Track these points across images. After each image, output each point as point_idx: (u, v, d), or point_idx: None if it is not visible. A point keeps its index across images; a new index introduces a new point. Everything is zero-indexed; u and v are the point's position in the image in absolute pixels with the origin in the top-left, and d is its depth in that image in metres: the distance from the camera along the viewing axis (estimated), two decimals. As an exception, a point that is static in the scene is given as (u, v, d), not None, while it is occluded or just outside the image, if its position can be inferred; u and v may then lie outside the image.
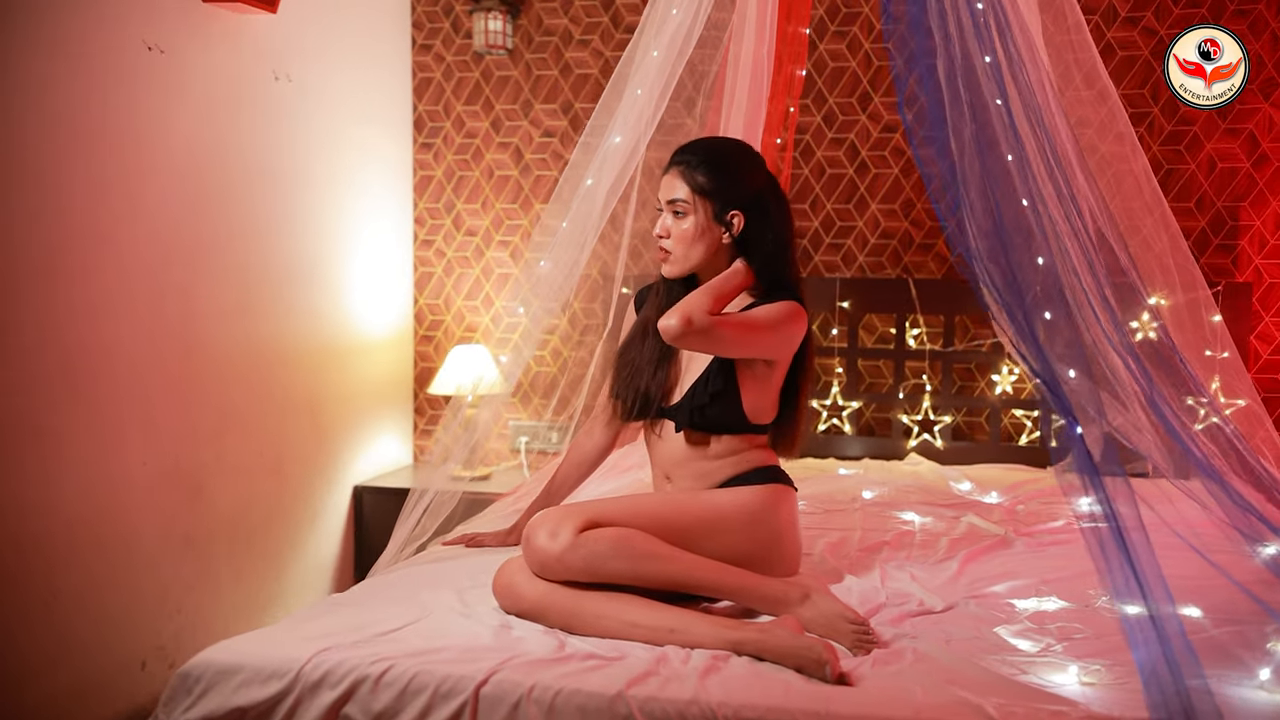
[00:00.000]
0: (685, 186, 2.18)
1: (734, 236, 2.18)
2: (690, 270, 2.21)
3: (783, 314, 2.14)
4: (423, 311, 4.11)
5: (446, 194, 4.07)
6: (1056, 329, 3.32)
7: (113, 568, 2.77)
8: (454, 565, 2.34)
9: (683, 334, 2.04)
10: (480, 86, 4.01)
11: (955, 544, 2.57)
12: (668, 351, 2.26)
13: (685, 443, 2.21)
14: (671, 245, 2.19)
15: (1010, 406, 3.59)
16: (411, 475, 3.93)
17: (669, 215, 2.20)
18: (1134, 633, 1.62)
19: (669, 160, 2.24)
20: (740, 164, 2.23)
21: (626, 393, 2.29)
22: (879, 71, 3.70)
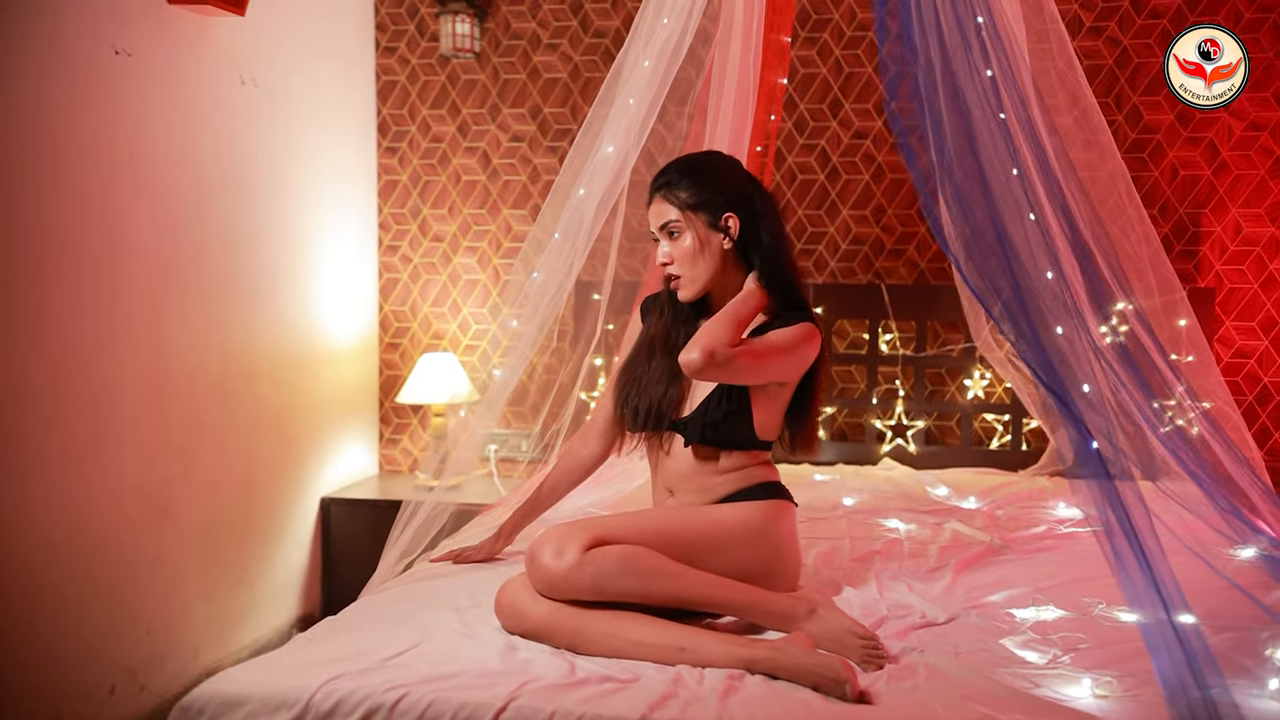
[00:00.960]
0: (673, 208, 2.17)
1: (733, 239, 2.17)
2: (705, 288, 2.20)
3: (798, 338, 2.14)
4: (388, 319, 4.05)
5: (413, 199, 4.00)
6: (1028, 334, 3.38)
7: (80, 590, 2.67)
8: (448, 583, 2.29)
9: (704, 368, 2.03)
10: (446, 90, 3.95)
11: (945, 552, 2.58)
12: (679, 368, 2.24)
13: (693, 458, 2.19)
14: (677, 268, 2.18)
15: (981, 411, 3.63)
16: (378, 485, 3.87)
17: (665, 241, 2.19)
18: (1154, 642, 1.64)
19: (649, 191, 2.22)
20: (717, 169, 2.22)
21: (638, 405, 2.26)
22: (850, 78, 3.72)
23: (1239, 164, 3.52)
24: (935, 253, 3.69)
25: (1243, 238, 3.53)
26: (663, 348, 2.25)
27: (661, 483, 2.26)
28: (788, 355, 2.13)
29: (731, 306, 2.13)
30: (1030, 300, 1.98)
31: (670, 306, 2.28)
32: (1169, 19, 3.52)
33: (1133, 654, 1.93)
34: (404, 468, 4.08)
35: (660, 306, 2.31)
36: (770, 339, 2.13)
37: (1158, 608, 1.64)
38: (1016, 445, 3.58)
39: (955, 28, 2.24)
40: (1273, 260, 3.51)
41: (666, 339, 2.27)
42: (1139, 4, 3.54)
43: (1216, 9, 3.48)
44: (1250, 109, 3.49)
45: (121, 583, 2.81)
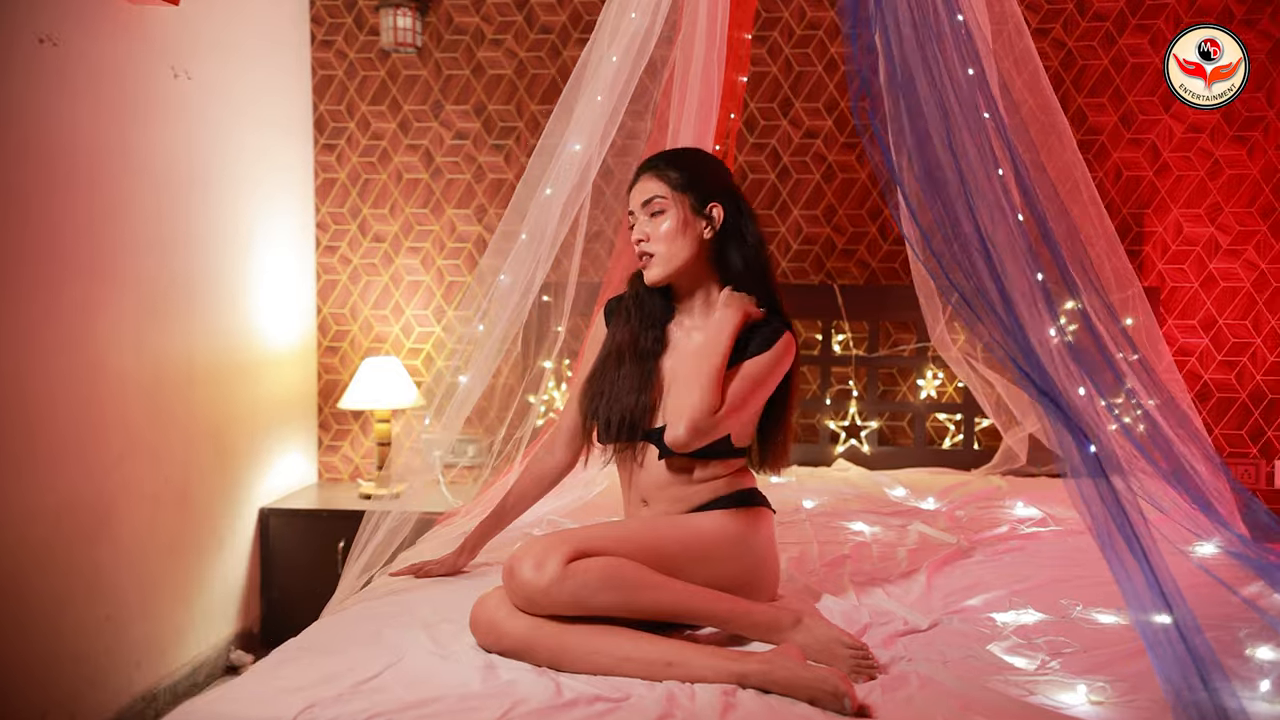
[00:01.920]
0: (661, 184, 2.12)
1: (715, 229, 2.12)
2: (675, 272, 2.13)
3: (776, 360, 2.10)
4: (327, 322, 3.91)
5: (352, 198, 3.87)
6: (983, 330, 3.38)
7: (10, 615, 2.51)
8: (413, 599, 2.20)
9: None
10: (387, 85, 3.83)
11: (914, 555, 2.57)
12: (650, 372, 2.17)
13: (667, 468, 2.12)
14: (654, 246, 2.11)
15: (933, 410, 3.64)
16: (317, 495, 3.73)
17: (644, 219, 2.12)
18: (1158, 646, 1.62)
19: (635, 174, 2.16)
20: (708, 162, 2.19)
21: (609, 415, 2.19)
22: (800, 77, 3.69)
23: (1179, 165, 3.58)
24: (886, 253, 3.69)
25: (1183, 238, 3.59)
26: (631, 353, 2.18)
27: (635, 494, 2.20)
28: (769, 380, 2.11)
29: (708, 359, 2.06)
30: (1016, 300, 1.95)
31: (636, 309, 2.21)
32: (1111, 20, 3.57)
33: (1119, 657, 1.93)
34: (344, 475, 3.94)
35: (625, 310, 2.24)
36: (750, 374, 2.08)
37: (1162, 611, 1.62)
38: (969, 444, 3.59)
39: (929, 25, 2.21)
40: (1212, 260, 3.58)
41: (635, 344, 2.19)
42: (1084, 6, 3.58)
43: (1156, 13, 3.54)
44: (1190, 111, 3.55)
45: (54, 606, 2.65)
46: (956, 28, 2.21)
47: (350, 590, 2.37)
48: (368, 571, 2.40)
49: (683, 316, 2.21)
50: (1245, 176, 3.55)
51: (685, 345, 2.16)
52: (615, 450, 2.20)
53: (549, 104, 3.76)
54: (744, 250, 2.15)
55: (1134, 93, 3.57)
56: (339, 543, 3.48)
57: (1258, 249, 3.56)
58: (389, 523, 2.43)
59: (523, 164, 3.76)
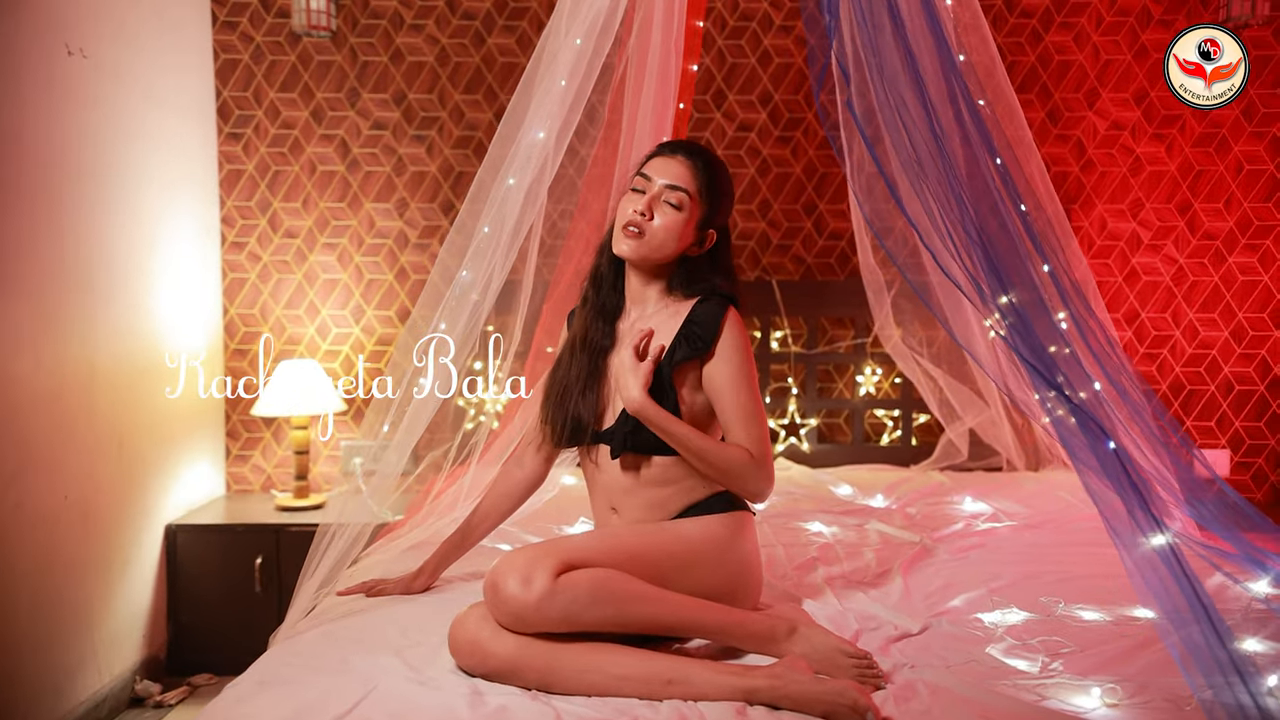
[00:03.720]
0: (695, 180, 2.02)
1: (700, 251, 2.05)
2: (650, 261, 2.03)
3: (738, 348, 2.01)
4: (234, 323, 3.66)
5: (261, 191, 3.63)
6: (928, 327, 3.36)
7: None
8: (372, 620, 2.03)
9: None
10: (298, 71, 3.60)
11: (881, 555, 2.51)
12: (597, 370, 2.06)
13: (628, 470, 2.01)
14: (653, 229, 2.00)
15: (871, 407, 3.61)
16: (226, 508, 3.49)
17: (660, 199, 2.01)
18: (1194, 649, 1.58)
19: (671, 145, 2.05)
20: (730, 187, 2.13)
21: (556, 416, 2.07)
22: (733, 69, 3.62)
23: (1103, 161, 3.64)
24: (821, 248, 3.65)
25: (1108, 233, 3.65)
26: (582, 345, 2.07)
27: (602, 501, 2.08)
28: (750, 368, 2.02)
29: (694, 441, 1.96)
30: (1024, 296, 1.90)
31: (594, 290, 2.10)
32: (1038, 18, 3.60)
33: (1116, 656, 1.90)
34: (256, 486, 3.70)
35: (583, 295, 2.13)
36: (731, 381, 1.99)
37: (1199, 615, 1.58)
38: (906, 441, 3.57)
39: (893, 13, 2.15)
40: (1134, 255, 3.65)
41: (586, 334, 2.09)
42: (1011, 4, 3.61)
43: (1080, 11, 3.59)
44: (1112, 108, 3.61)
45: (-53, 640, 2.38)
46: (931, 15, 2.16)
47: (302, 613, 2.18)
48: (324, 589, 2.21)
49: (632, 309, 2.11)
50: (1164, 173, 3.63)
51: (632, 338, 2.05)
52: (578, 455, 2.08)
53: (473, 93, 3.60)
54: (718, 277, 2.07)
55: (1060, 89, 3.61)
56: (256, 559, 3.26)
57: (1176, 244, 3.65)
58: (347, 535, 2.25)
59: (446, 155, 3.60)
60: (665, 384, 1.98)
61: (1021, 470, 3.39)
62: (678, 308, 2.06)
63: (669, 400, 1.97)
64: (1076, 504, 3.00)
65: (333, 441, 3.67)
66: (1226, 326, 3.66)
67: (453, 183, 3.62)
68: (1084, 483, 1.78)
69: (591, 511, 2.16)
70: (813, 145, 3.62)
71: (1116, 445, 1.66)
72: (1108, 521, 1.75)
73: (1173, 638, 1.61)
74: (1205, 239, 3.64)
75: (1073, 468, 3.33)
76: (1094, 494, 1.74)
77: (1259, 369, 3.67)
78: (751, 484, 1.97)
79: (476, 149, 3.60)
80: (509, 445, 2.55)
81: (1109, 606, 2.16)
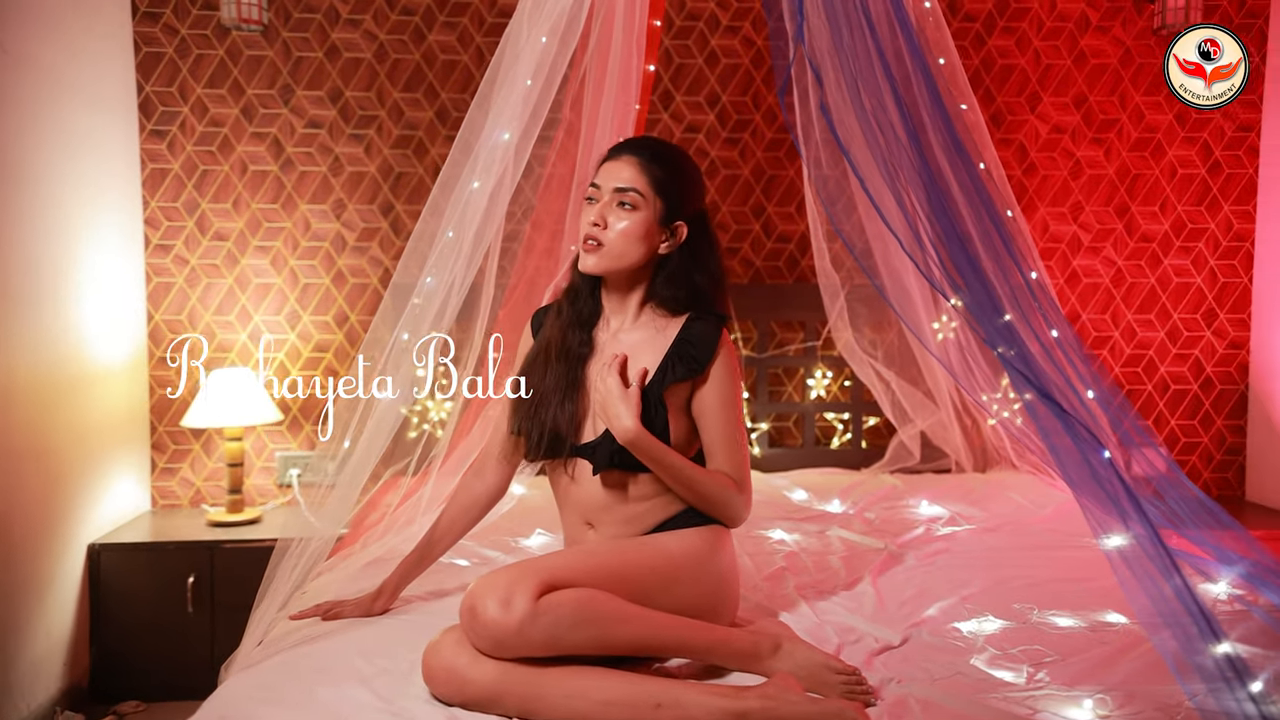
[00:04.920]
0: (643, 177, 1.93)
1: (672, 248, 1.96)
2: (616, 270, 1.95)
3: (730, 373, 1.97)
4: (160, 330, 3.48)
5: (188, 191, 3.46)
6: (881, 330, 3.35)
7: None
8: (335, 646, 1.92)
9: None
10: (227, 66, 3.44)
11: (849, 564, 2.48)
12: (575, 379, 1.98)
13: (607, 486, 1.94)
14: (610, 238, 1.92)
15: (821, 410, 3.59)
16: (152, 525, 3.31)
17: (611, 205, 1.93)
18: (1200, 663, 1.56)
19: (617, 147, 1.97)
20: (692, 174, 2.02)
21: (531, 428, 1.99)
22: (680, 69, 3.56)
23: (1045, 165, 3.67)
24: (770, 250, 3.62)
25: (1050, 235, 3.69)
26: (557, 354, 1.99)
27: (576, 516, 2.00)
28: (737, 396, 1.99)
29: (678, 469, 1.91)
30: (1014, 301, 1.87)
31: (570, 304, 2.03)
32: (981, 22, 3.62)
33: (1098, 664, 1.89)
34: (184, 501, 3.53)
35: (557, 306, 2.05)
36: (717, 407, 1.96)
37: (1204, 628, 1.57)
38: (857, 444, 3.56)
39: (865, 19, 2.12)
40: (1075, 257, 3.70)
41: (562, 342, 2.01)
42: (955, 7, 3.62)
43: (1021, 16, 3.62)
44: (1053, 112, 3.65)
45: None
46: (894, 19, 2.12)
47: (256, 639, 2.05)
48: (283, 612, 2.09)
49: (610, 318, 2.04)
50: (1103, 176, 3.68)
51: (613, 349, 1.99)
52: (548, 468, 2.00)
53: (413, 92, 3.49)
54: (697, 274, 1.99)
55: (1003, 93, 3.64)
56: (188, 578, 3.10)
57: (1115, 246, 3.70)
58: (311, 551, 2.13)
59: (385, 156, 3.49)
60: (655, 405, 1.91)
61: (970, 471, 3.41)
62: (665, 322, 1.99)
63: (659, 422, 1.91)
64: (1029, 506, 3.02)
65: (267, 453, 3.51)
66: (1162, 327, 3.73)
67: (392, 183, 3.50)
68: (1069, 484, 1.76)
69: (562, 525, 2.08)
70: (760, 147, 3.58)
71: (1109, 452, 1.64)
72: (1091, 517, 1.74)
73: (1166, 643, 1.59)
74: (1142, 241, 3.70)
75: (1019, 468, 3.38)
76: (1084, 497, 1.72)
77: (1193, 369, 3.74)
78: (732, 511, 1.94)
79: (417, 149, 3.49)
80: (468, 456, 2.46)
81: (1081, 612, 2.15)
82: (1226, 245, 3.72)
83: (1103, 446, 1.65)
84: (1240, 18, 3.65)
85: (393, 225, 3.50)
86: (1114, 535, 1.75)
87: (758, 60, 3.57)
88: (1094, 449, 1.64)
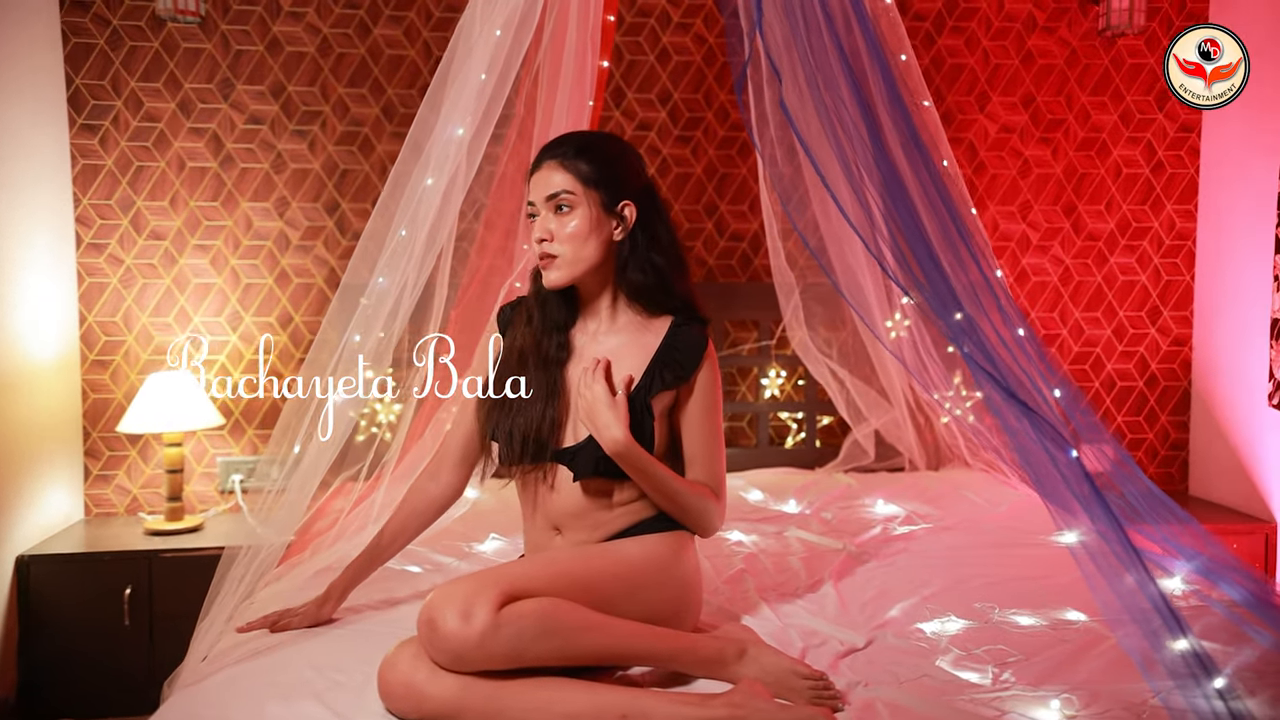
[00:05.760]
0: (569, 177, 1.87)
1: (627, 230, 1.91)
2: (580, 275, 1.90)
3: (713, 383, 1.96)
4: (93, 332, 3.35)
5: (122, 188, 3.34)
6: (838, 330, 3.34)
7: None
8: (283, 660, 1.85)
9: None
10: (162, 59, 3.33)
11: (809, 565, 2.46)
12: (555, 381, 1.93)
13: (585, 493, 1.89)
14: (559, 247, 1.88)
15: (775, 409, 3.57)
16: (85, 535, 3.19)
17: (549, 215, 1.88)
18: (1173, 664, 1.56)
19: (537, 160, 1.91)
20: (620, 153, 1.96)
21: (512, 431, 1.92)
22: (631, 66, 3.52)
23: (994, 164, 3.69)
24: (723, 249, 3.59)
25: (1000, 234, 3.71)
26: (534, 360, 1.94)
27: (545, 521, 1.95)
28: (718, 403, 1.97)
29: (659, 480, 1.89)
30: (975, 297, 1.86)
31: (539, 310, 1.98)
32: (931, 21, 3.63)
33: (1063, 662, 1.89)
34: (120, 509, 3.40)
35: (527, 312, 2.00)
36: (702, 416, 1.95)
37: (1172, 625, 1.56)
38: (811, 443, 3.55)
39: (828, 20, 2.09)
40: (1024, 255, 3.72)
41: (538, 349, 1.96)
42: (904, 6, 3.62)
43: (970, 16, 3.64)
44: (1001, 112, 3.67)
45: None
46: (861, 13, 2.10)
47: (202, 654, 1.97)
48: (230, 624, 2.01)
49: (587, 320, 1.99)
50: (1050, 175, 3.71)
51: (594, 352, 1.95)
52: (520, 473, 1.95)
53: (358, 87, 3.41)
54: (655, 254, 1.94)
55: (952, 92, 3.65)
56: (125, 590, 2.99)
57: (1062, 245, 3.73)
58: (259, 559, 2.05)
59: (330, 152, 3.40)
60: (642, 412, 1.88)
61: (923, 470, 3.41)
62: (645, 322, 1.96)
63: (646, 429, 1.87)
64: (984, 504, 3.03)
65: (208, 458, 3.41)
66: (1109, 325, 3.76)
67: (337, 181, 3.41)
68: (1034, 482, 1.75)
69: (524, 530, 2.02)
70: (713, 145, 3.56)
71: (1076, 451, 1.63)
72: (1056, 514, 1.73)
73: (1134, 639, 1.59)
74: (1089, 240, 3.74)
75: (973, 466, 3.38)
76: (1048, 493, 1.71)
77: (1138, 366, 3.79)
78: (707, 520, 1.92)
79: (363, 145, 3.41)
80: (421, 460, 2.40)
81: (1042, 610, 2.15)
82: (1169, 244, 3.77)
83: (1069, 445, 1.64)
84: (1181, 20, 3.70)
85: (338, 224, 3.42)
86: (1077, 532, 1.75)
87: (710, 58, 3.54)
88: (1060, 446, 1.63)
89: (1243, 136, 3.54)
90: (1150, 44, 3.71)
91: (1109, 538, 1.61)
